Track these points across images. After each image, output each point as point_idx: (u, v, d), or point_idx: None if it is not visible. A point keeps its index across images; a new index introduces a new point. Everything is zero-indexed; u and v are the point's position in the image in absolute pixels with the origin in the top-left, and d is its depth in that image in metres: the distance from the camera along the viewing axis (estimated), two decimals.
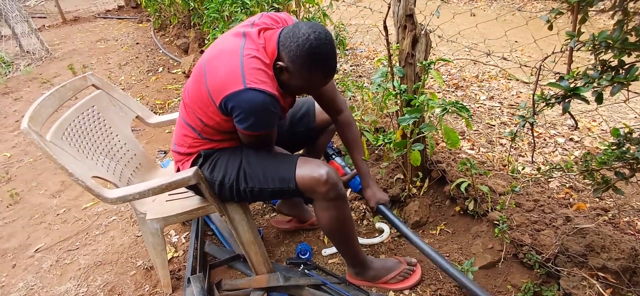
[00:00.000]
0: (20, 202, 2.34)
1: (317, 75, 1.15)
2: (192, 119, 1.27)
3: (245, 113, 1.11)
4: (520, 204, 1.56)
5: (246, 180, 1.27)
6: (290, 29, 1.13)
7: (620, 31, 0.89)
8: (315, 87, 1.21)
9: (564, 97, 1.03)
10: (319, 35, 1.09)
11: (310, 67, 1.12)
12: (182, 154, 1.35)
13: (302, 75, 1.14)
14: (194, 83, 1.23)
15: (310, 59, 1.10)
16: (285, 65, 1.13)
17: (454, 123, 2.53)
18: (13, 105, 3.86)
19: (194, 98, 1.23)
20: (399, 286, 1.45)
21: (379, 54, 3.93)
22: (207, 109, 1.19)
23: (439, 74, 1.63)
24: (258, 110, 1.10)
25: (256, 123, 1.14)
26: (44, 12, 8.47)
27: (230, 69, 1.11)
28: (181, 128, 1.34)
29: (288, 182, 1.23)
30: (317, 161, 1.26)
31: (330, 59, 1.14)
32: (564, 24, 1.07)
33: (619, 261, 1.19)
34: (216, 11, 2.67)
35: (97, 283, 1.67)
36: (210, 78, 1.15)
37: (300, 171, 1.22)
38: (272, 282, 1.46)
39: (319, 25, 1.13)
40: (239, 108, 1.10)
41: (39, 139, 1.18)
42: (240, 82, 1.08)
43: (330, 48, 1.12)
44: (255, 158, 1.28)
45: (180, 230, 1.93)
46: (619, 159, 1.06)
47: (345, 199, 1.30)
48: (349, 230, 1.35)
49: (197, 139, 1.30)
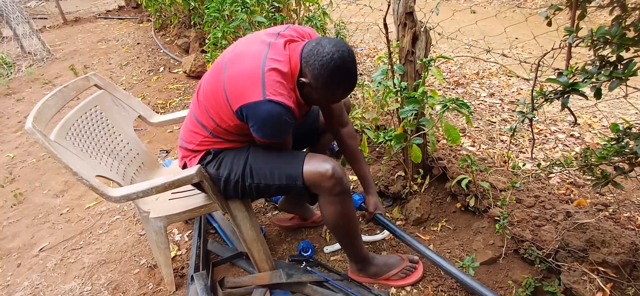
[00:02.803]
0: (24, 202, 2.35)
1: (339, 92, 1.20)
2: (205, 118, 1.28)
3: (261, 124, 1.14)
4: (520, 200, 1.57)
5: (252, 175, 1.28)
6: (314, 46, 1.15)
7: (618, 27, 0.90)
8: (334, 101, 1.27)
9: (562, 93, 1.03)
10: (342, 54, 1.12)
11: (333, 85, 1.16)
12: (189, 150, 1.36)
13: (324, 91, 1.17)
14: (211, 82, 1.24)
15: (333, 77, 1.13)
16: (308, 81, 1.16)
17: (454, 121, 2.54)
18: (15, 106, 3.88)
19: (209, 97, 1.24)
20: (401, 282, 1.46)
21: (380, 51, 3.93)
22: (221, 111, 1.21)
23: (440, 71, 1.64)
24: (274, 122, 1.13)
25: (271, 134, 1.17)
26: (44, 13, 8.49)
27: (251, 76, 1.12)
28: (191, 125, 1.34)
29: (295, 178, 1.24)
30: (323, 156, 1.28)
31: (352, 78, 1.17)
32: (563, 20, 1.08)
33: (619, 256, 1.20)
34: (217, 11, 2.68)
35: (101, 282, 1.68)
36: (229, 82, 1.16)
37: (307, 167, 1.24)
38: (275, 279, 1.47)
39: (342, 44, 1.15)
40: (255, 119, 1.13)
41: (43, 139, 1.20)
42: (260, 93, 1.10)
43: (353, 67, 1.16)
44: (263, 154, 1.29)
45: (183, 229, 1.94)
46: (618, 154, 1.07)
47: (350, 194, 1.32)
48: (353, 226, 1.37)
49: (207, 138, 1.31)
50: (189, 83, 3.93)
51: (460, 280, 1.31)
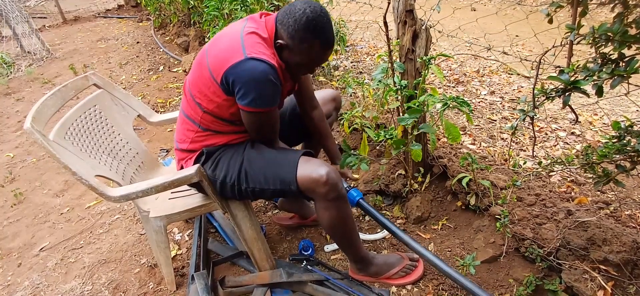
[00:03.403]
0: (24, 201, 2.35)
1: (316, 48, 1.18)
2: (192, 108, 1.29)
3: (246, 86, 1.12)
4: (521, 198, 1.56)
5: (247, 180, 1.28)
6: (286, 8, 1.18)
7: (620, 24, 0.89)
8: (315, 61, 1.23)
9: (564, 91, 1.03)
10: (314, 8, 1.14)
11: (309, 40, 1.16)
12: (184, 151, 1.36)
13: (302, 49, 1.17)
14: (195, 69, 1.26)
15: (309, 31, 1.14)
16: (285, 42, 1.17)
17: (455, 119, 2.53)
18: (15, 106, 3.87)
19: (194, 83, 1.26)
20: (401, 281, 1.46)
21: (380, 50, 3.92)
22: (207, 90, 1.21)
23: (440, 69, 1.63)
24: (259, 80, 1.12)
25: (258, 96, 1.14)
26: (44, 12, 8.47)
27: (231, 45, 1.15)
28: (182, 124, 1.36)
29: (289, 183, 1.23)
30: (318, 161, 1.26)
31: (327, 30, 1.17)
32: (564, 18, 1.07)
33: (621, 254, 1.20)
34: (216, 9, 2.68)
35: (101, 281, 1.68)
36: (211, 58, 1.18)
37: (301, 172, 1.22)
38: (275, 278, 1.47)
39: (313, 1, 1.16)
40: (240, 81, 1.12)
41: (42, 139, 1.19)
42: (241, 53, 1.11)
43: (327, 20, 1.16)
44: (257, 158, 1.28)
45: (184, 228, 1.94)
46: (620, 152, 1.07)
47: (345, 199, 1.30)
48: (350, 229, 1.36)
49: (198, 133, 1.31)
50: None
51: (444, 270, 1.28)
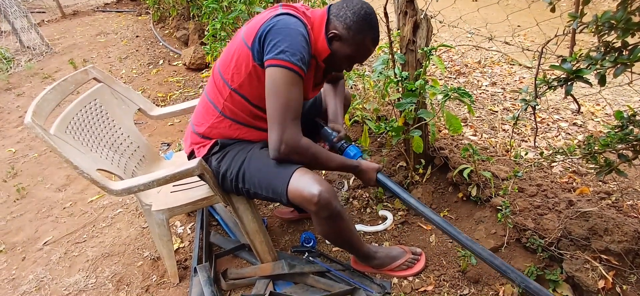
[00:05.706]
0: (26, 196, 2.36)
1: (367, 42, 1.24)
2: (218, 88, 1.29)
3: (279, 34, 1.13)
4: (523, 189, 1.56)
5: (244, 180, 1.28)
6: (341, 2, 1.24)
7: (623, 11, 0.88)
8: (363, 54, 1.28)
9: (566, 80, 1.02)
10: (369, 6, 1.23)
11: (364, 32, 1.22)
12: (199, 136, 1.35)
13: (356, 41, 1.22)
14: (227, 48, 1.30)
15: (365, 23, 1.20)
16: (339, 32, 1.21)
17: (456, 110, 2.52)
18: (16, 101, 3.87)
19: (224, 59, 1.28)
20: (403, 273, 1.46)
21: (380, 41, 3.89)
22: (237, 59, 1.21)
23: (441, 60, 1.62)
24: (292, 29, 1.14)
25: (289, 46, 1.11)
26: (42, 6, 8.43)
27: (267, 13, 1.22)
28: (203, 106, 1.37)
29: (280, 195, 1.21)
30: (314, 177, 1.18)
31: (378, 28, 1.26)
32: (567, 7, 1.06)
33: (622, 244, 1.20)
34: (215, 1, 2.66)
35: (105, 274, 1.70)
36: (246, 29, 1.23)
37: (293, 187, 1.17)
38: (277, 270, 1.48)
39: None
40: (273, 30, 1.14)
41: (43, 133, 1.19)
42: (277, 11, 1.19)
43: (377, 20, 1.26)
44: (257, 161, 1.27)
45: (186, 221, 1.94)
46: (622, 141, 1.06)
47: (339, 215, 1.24)
48: (348, 238, 1.36)
49: (217, 118, 1.31)
50: (188, 76, 3.91)
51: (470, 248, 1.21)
